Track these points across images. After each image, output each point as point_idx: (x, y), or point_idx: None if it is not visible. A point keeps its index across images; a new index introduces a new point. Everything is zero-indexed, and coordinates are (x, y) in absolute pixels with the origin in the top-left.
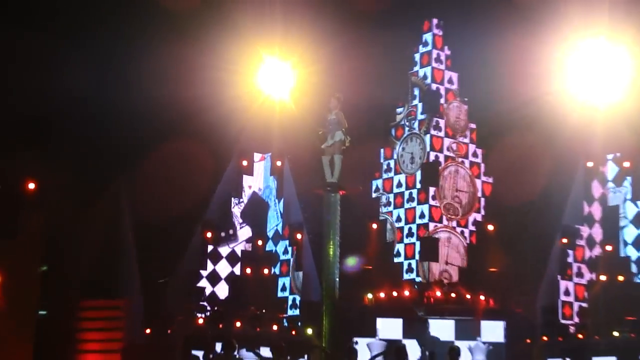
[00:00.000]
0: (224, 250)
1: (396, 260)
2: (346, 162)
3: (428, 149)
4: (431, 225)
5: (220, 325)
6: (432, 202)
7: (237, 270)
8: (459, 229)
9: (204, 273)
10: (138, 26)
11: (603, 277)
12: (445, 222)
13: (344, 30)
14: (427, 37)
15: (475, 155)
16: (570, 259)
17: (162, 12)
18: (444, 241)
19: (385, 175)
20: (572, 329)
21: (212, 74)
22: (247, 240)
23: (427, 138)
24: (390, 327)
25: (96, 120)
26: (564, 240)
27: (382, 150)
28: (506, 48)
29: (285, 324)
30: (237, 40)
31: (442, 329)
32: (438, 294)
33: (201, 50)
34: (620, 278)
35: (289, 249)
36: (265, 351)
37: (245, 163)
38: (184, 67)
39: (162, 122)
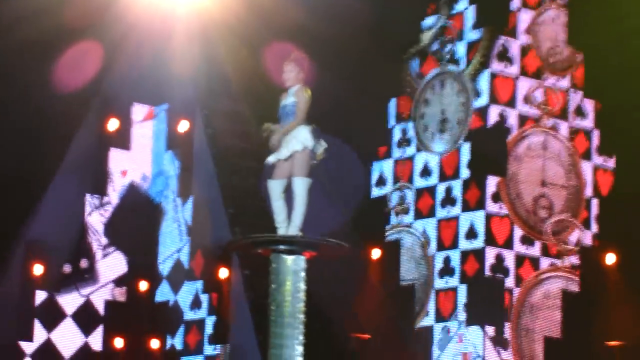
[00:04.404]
0: (71, 302)
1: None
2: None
3: (486, 100)
4: (490, 253)
5: None
6: (492, 207)
7: (95, 342)
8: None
9: (28, 348)
10: None
11: None
12: (518, 245)
13: None
14: None
15: (581, 114)
16: None
17: None
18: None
19: (398, 152)
20: None
21: None
22: (117, 282)
23: (484, 79)
24: None
25: None
26: None
27: (392, 102)
28: None
29: None
30: None
31: None
32: None
33: None
34: None
35: (203, 297)
36: None
37: (114, 125)
38: None
39: None
